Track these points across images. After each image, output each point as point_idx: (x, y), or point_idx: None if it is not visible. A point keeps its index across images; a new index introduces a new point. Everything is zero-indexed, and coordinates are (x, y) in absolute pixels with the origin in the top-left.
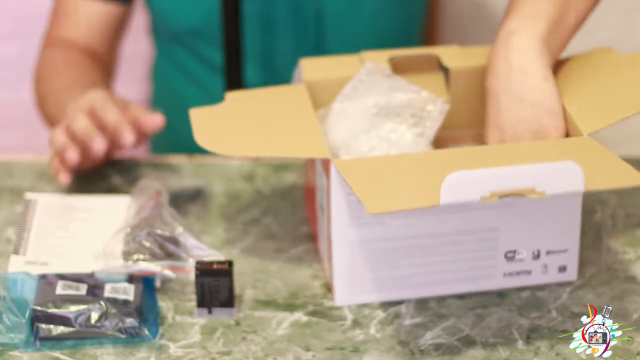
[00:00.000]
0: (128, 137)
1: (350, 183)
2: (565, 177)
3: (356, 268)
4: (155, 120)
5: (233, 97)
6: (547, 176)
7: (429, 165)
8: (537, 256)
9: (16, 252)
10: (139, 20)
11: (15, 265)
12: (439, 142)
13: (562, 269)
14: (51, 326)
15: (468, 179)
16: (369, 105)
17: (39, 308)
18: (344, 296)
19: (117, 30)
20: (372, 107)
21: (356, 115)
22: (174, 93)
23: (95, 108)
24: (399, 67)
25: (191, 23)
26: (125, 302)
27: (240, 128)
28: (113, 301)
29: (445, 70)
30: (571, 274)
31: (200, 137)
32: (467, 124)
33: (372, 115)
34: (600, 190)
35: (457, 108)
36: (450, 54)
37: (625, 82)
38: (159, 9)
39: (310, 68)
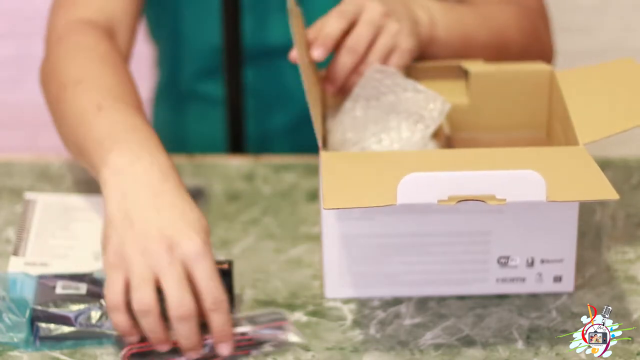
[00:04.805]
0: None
1: (324, 176)
2: (526, 185)
3: (346, 261)
4: None
5: None
6: (508, 184)
7: (407, 165)
8: (531, 264)
9: (16, 253)
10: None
11: (15, 266)
12: (458, 145)
13: (558, 279)
14: (51, 325)
15: (426, 181)
16: (375, 103)
17: (39, 307)
18: (334, 289)
19: (139, 6)
20: (378, 104)
21: (364, 113)
22: (175, 95)
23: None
24: (421, 74)
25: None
26: None
27: None
28: None
29: (466, 75)
30: (567, 285)
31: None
32: (487, 127)
33: (378, 113)
34: (564, 201)
35: (477, 111)
36: (473, 64)
37: (633, 93)
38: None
39: None
